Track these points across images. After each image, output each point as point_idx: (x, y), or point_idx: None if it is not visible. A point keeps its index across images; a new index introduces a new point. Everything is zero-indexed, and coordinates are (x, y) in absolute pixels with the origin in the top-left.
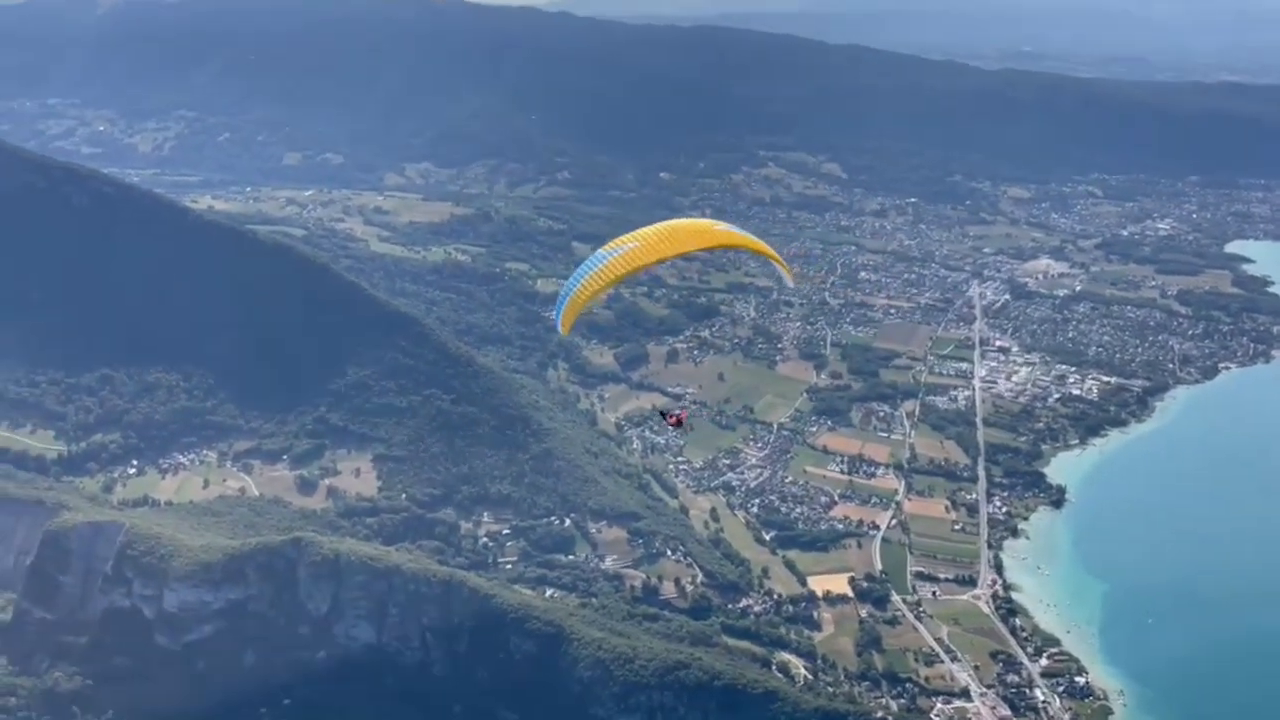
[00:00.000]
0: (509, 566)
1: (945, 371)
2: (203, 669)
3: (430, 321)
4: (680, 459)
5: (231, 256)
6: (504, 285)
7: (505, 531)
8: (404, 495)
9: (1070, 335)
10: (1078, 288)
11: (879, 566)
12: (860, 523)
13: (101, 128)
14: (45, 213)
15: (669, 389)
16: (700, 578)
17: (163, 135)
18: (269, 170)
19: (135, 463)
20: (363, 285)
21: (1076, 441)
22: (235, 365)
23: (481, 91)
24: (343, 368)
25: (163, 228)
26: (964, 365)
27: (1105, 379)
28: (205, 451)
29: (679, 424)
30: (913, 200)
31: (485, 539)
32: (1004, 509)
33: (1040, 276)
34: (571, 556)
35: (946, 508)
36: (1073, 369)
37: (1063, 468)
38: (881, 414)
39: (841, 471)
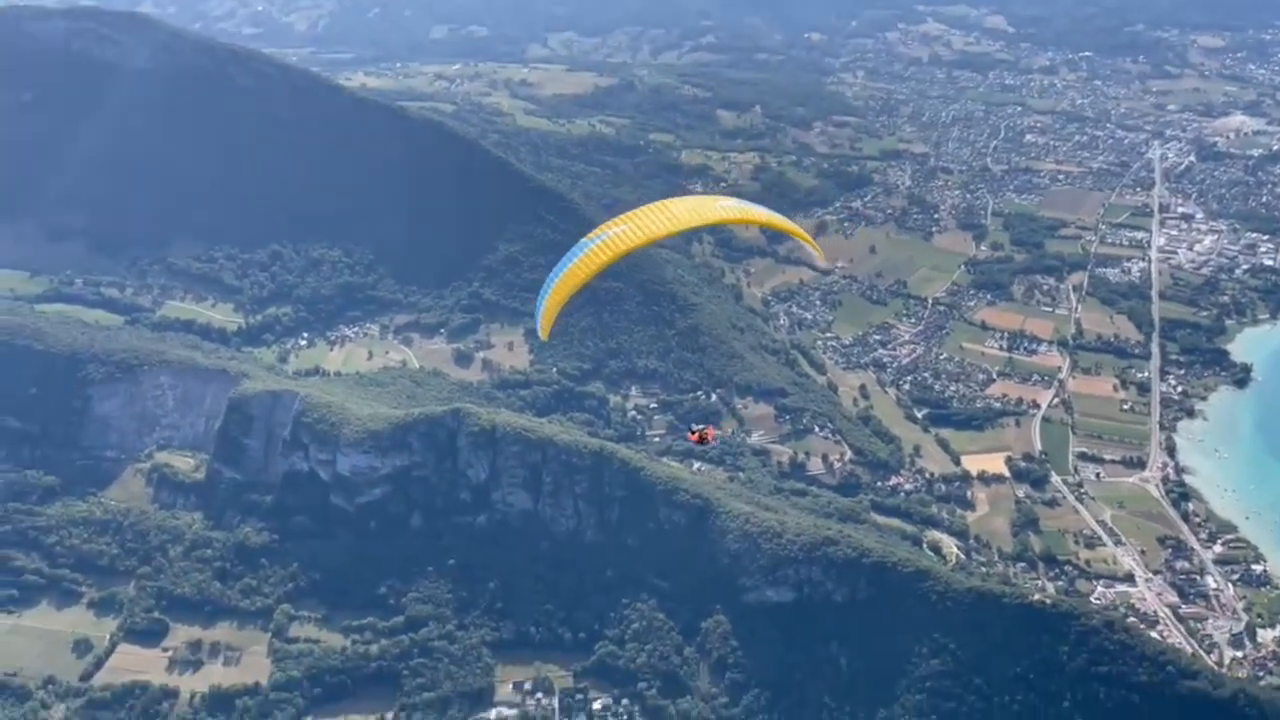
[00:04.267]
0: (657, 440)
1: (1118, 241)
2: (375, 528)
3: (576, 196)
4: (829, 335)
5: (385, 134)
6: (648, 157)
7: (653, 405)
8: (554, 369)
9: (1264, 200)
10: (1275, 147)
11: (1038, 446)
12: (1019, 401)
13: (259, 8)
14: (212, 93)
15: (817, 263)
16: (849, 455)
17: (316, 13)
18: (416, 45)
19: (305, 335)
20: (510, 160)
21: (1266, 316)
22: (392, 241)
23: None
24: (494, 243)
25: (320, 106)
26: (1140, 234)
27: None
28: (368, 325)
29: (702, 441)
30: (1087, 54)
31: (634, 412)
32: (1179, 388)
33: (1232, 135)
34: (718, 431)
35: (1115, 386)
36: (1265, 237)
37: (1249, 344)
38: (1046, 287)
39: (1001, 348)
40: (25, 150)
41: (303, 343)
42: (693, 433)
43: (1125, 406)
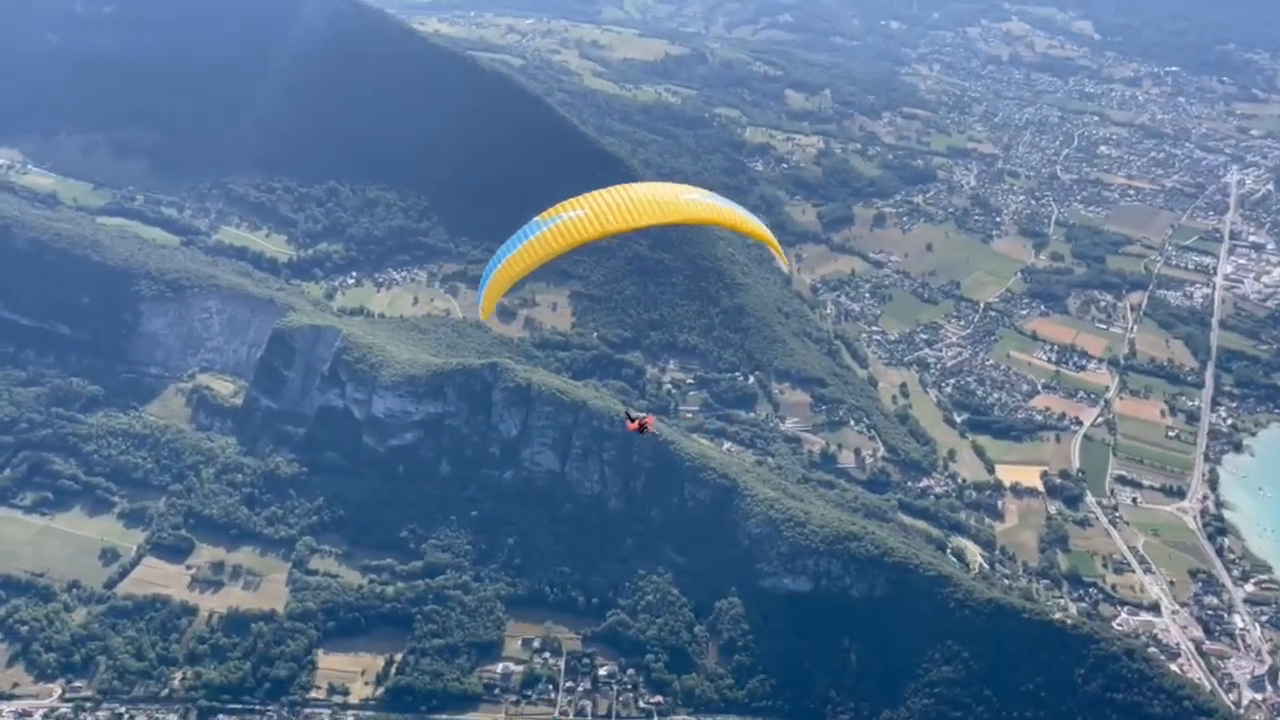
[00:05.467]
0: (689, 415)
1: (1183, 264)
2: (402, 472)
3: (635, 163)
4: (875, 329)
5: (453, 82)
6: (712, 131)
7: (689, 381)
8: (595, 334)
9: None
10: None
11: (1076, 464)
12: (1062, 416)
13: None
14: (285, 25)
15: (871, 254)
16: (882, 451)
17: None
18: None
19: (354, 274)
20: (573, 121)
21: None
22: (448, 190)
23: None
24: (548, 202)
25: (392, 48)
26: (1207, 260)
27: None
28: (416, 270)
29: (641, 430)
30: (1173, 69)
31: (669, 386)
32: (1229, 421)
33: None
34: (752, 414)
35: (1163, 412)
36: None
37: None
38: (1103, 303)
39: (1049, 360)
40: (98, 63)
41: (351, 281)
42: (631, 420)
43: (1171, 433)
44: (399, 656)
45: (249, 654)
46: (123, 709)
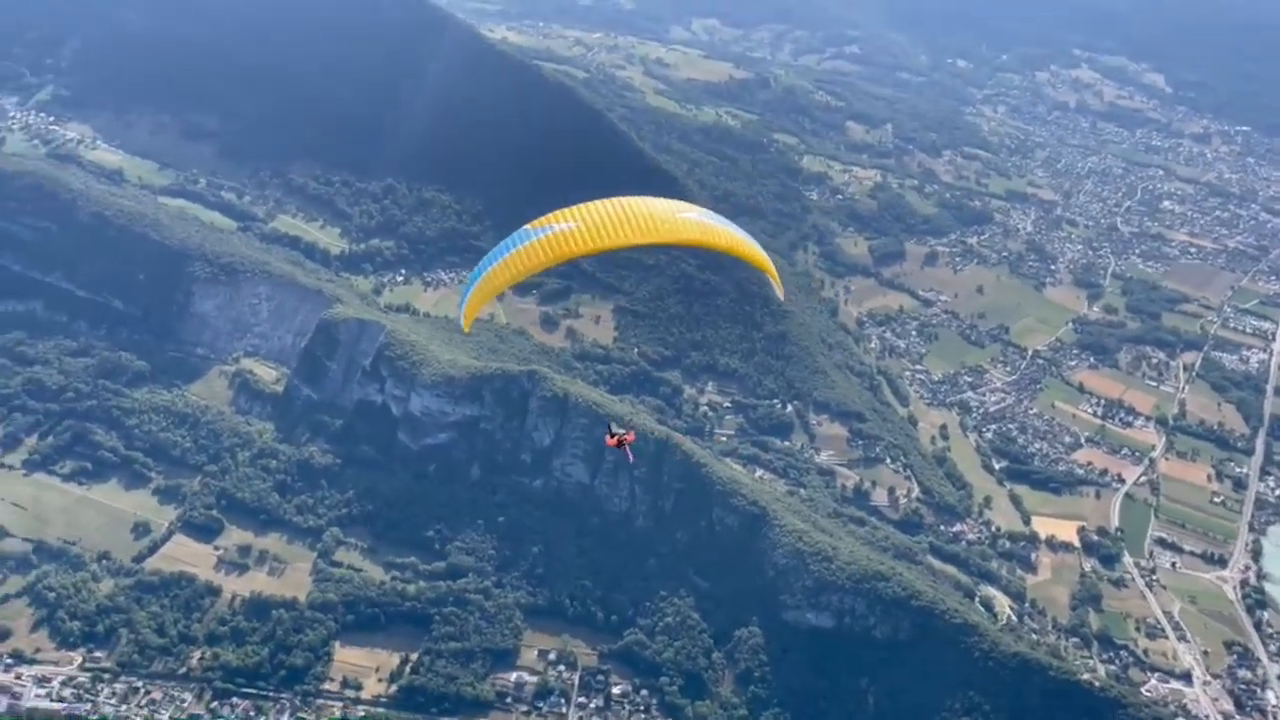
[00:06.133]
0: (724, 439)
1: (1241, 327)
2: (433, 472)
3: (689, 183)
4: (919, 367)
5: (515, 89)
6: (769, 157)
7: (726, 405)
8: (636, 350)
9: None
10: None
11: (1115, 522)
12: (1104, 472)
13: None
14: (359, 20)
15: (920, 292)
16: (916, 492)
17: None
18: (563, 7)
19: (403, 272)
20: (632, 136)
21: None
22: (502, 195)
23: None
24: None
25: (460, 51)
26: (1265, 324)
27: None
28: (465, 272)
29: (619, 445)
30: (1244, 129)
31: (705, 408)
32: (1278, 491)
33: None
34: (787, 442)
35: (1209, 476)
36: None
37: None
38: (1154, 360)
39: (1095, 414)
40: (173, 46)
41: (399, 279)
42: (612, 435)
43: (1216, 499)
44: (414, 656)
45: (267, 639)
46: (140, 683)
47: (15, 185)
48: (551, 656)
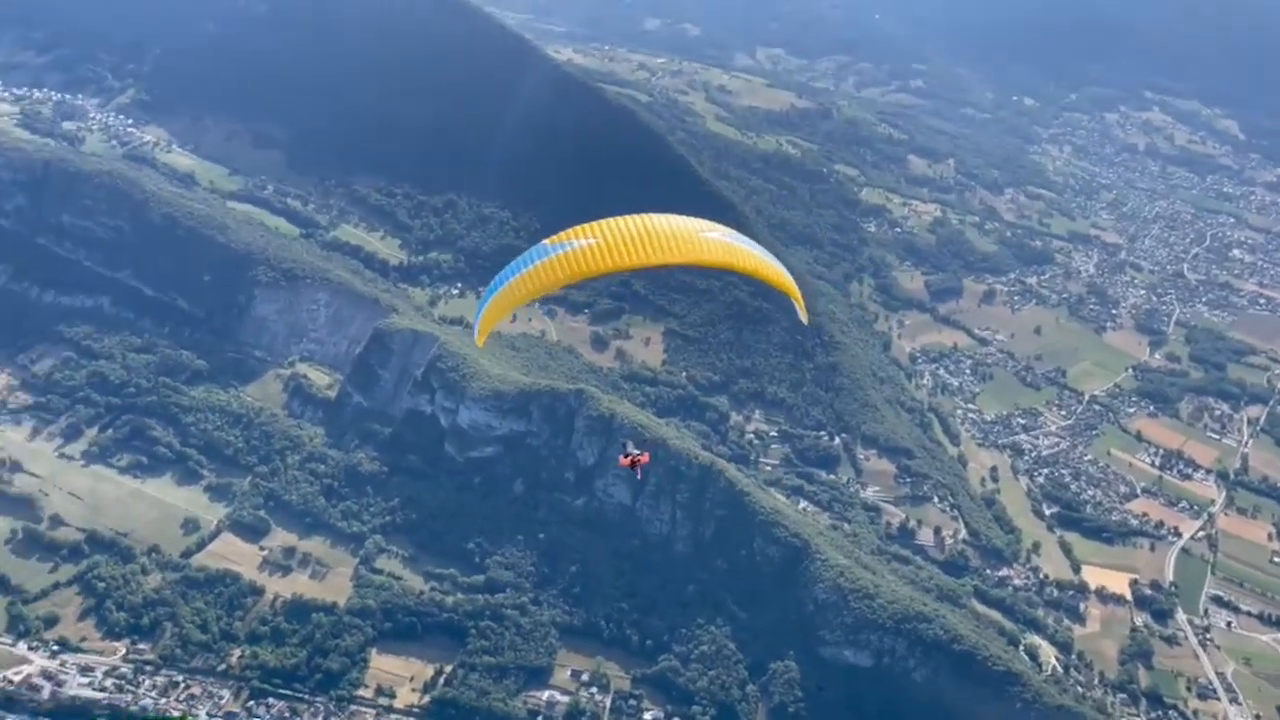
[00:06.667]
0: (769, 469)
1: None
2: (478, 484)
3: (746, 209)
4: (971, 406)
5: (578, 110)
6: (828, 187)
7: (772, 434)
8: (685, 374)
9: None
10: None
11: (1170, 577)
12: (1160, 524)
13: None
14: (428, 38)
15: (976, 330)
16: (963, 534)
17: None
18: (628, 32)
19: (459, 285)
20: (691, 161)
21: None
22: (560, 214)
23: None
24: None
25: (525, 71)
26: None
27: None
28: None
29: (632, 465)
30: None
31: (752, 436)
32: None
33: None
34: (832, 476)
35: (1270, 535)
36: None
37: None
38: (1218, 412)
39: (1152, 464)
40: (249, 59)
41: (455, 291)
42: (626, 455)
43: (1277, 559)
44: (449, 668)
45: (306, 642)
46: (180, 678)
47: (92, 184)
48: (584, 677)
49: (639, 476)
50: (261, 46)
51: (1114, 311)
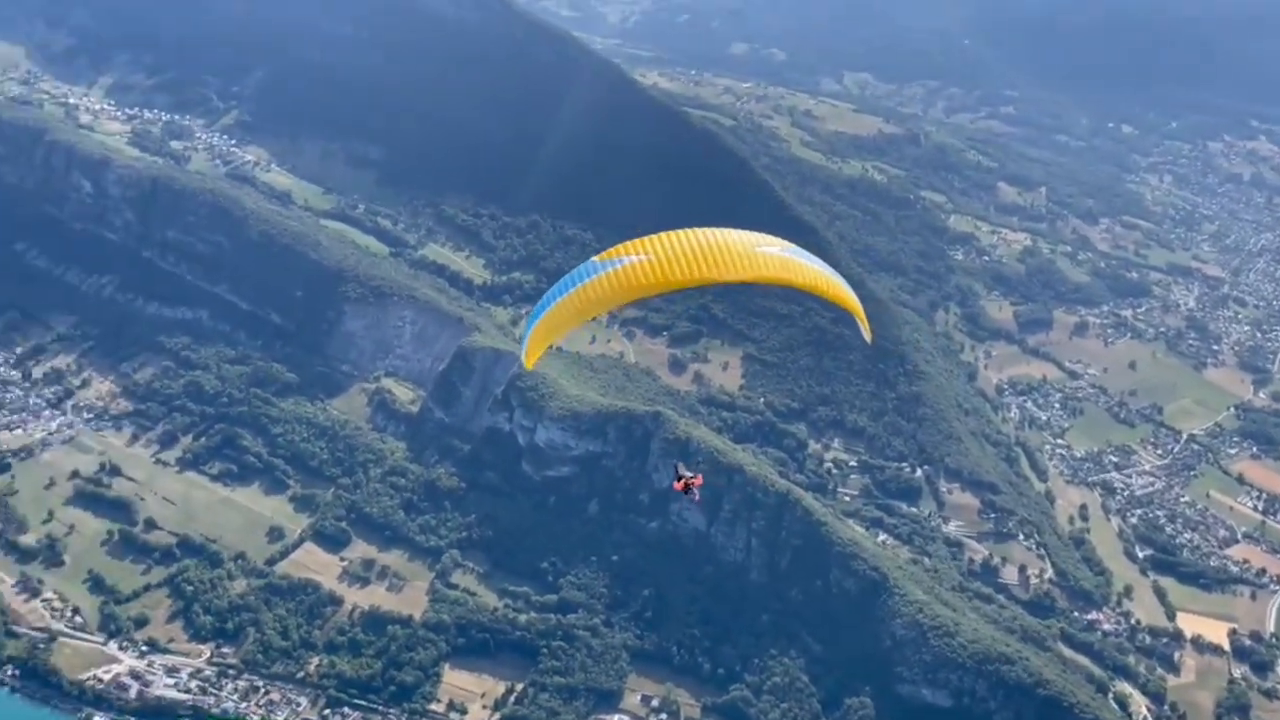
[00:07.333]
0: (847, 499)
1: None
2: (553, 503)
3: (829, 234)
4: (1060, 442)
5: (662, 134)
6: (914, 214)
7: (852, 463)
8: (763, 399)
9: None
10: None
11: (1271, 628)
12: (1262, 572)
13: None
14: (517, 62)
15: (1067, 363)
16: (1049, 573)
17: (631, 9)
18: (715, 57)
19: None
20: (774, 186)
21: None
22: (642, 235)
23: (941, 9)
24: None
25: (610, 94)
26: None
27: None
28: None
29: (685, 490)
30: None
31: (830, 465)
32: None
33: None
34: (914, 508)
35: None
36: None
37: None
38: None
39: (1254, 508)
40: (345, 82)
41: None
42: (679, 479)
43: None
44: (519, 686)
45: (381, 653)
46: (260, 683)
47: (195, 201)
48: (654, 703)
49: (696, 499)
50: (357, 70)
51: (1215, 347)
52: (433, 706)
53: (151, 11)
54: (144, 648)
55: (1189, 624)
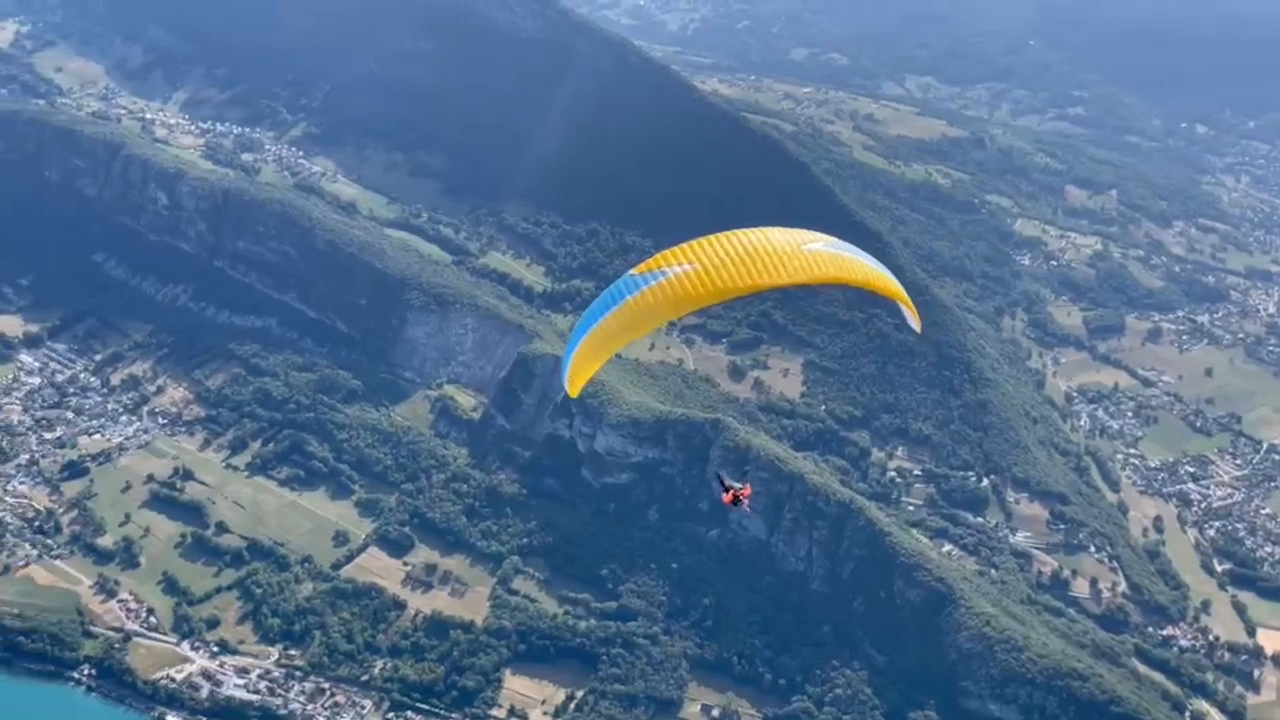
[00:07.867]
0: (911, 508)
1: None
2: (613, 510)
3: (892, 240)
4: (1133, 451)
5: (723, 140)
6: (979, 218)
7: (916, 472)
8: (824, 407)
9: None
10: None
11: None
12: None
13: (641, 2)
14: (578, 72)
15: (1140, 370)
16: (1123, 587)
17: (690, 16)
18: (775, 62)
19: None
20: (836, 191)
21: None
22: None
23: (1004, 9)
24: None
25: (672, 103)
26: None
27: None
28: None
29: (735, 501)
30: None
31: (893, 474)
32: None
33: None
34: (980, 519)
35: None
36: None
37: None
38: None
39: None
40: (409, 94)
41: None
42: (726, 490)
43: None
44: (580, 693)
45: (444, 658)
46: (326, 685)
47: (265, 212)
48: (715, 713)
49: (747, 510)
50: (420, 82)
51: None
52: (494, 712)
53: (223, 27)
54: (215, 648)
55: (1270, 641)
